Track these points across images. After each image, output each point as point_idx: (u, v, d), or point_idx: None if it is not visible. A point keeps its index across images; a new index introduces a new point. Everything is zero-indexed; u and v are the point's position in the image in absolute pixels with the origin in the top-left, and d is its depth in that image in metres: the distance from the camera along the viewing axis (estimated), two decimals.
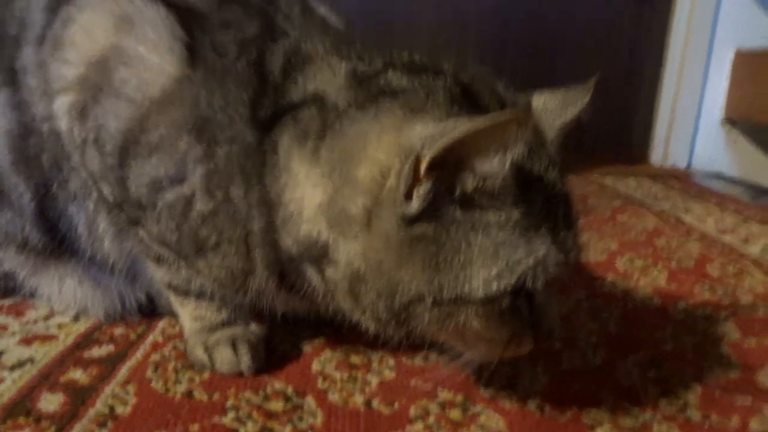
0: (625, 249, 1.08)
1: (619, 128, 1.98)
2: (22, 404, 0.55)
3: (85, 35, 0.58)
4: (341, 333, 0.68)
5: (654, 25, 1.92)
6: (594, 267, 0.98)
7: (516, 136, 0.41)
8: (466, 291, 0.46)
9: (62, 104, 0.59)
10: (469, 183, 0.45)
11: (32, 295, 0.74)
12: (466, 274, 0.45)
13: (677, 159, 2.01)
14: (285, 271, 0.56)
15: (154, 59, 0.55)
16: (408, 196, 0.45)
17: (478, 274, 0.45)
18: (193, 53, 0.55)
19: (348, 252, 0.49)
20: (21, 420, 0.53)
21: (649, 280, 0.93)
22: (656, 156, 2.03)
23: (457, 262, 0.45)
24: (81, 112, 0.58)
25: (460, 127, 0.41)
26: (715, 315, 0.81)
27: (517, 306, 0.48)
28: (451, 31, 1.88)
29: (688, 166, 2.01)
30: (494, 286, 0.45)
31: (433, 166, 0.43)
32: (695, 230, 1.23)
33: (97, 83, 0.57)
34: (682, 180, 1.81)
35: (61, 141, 0.62)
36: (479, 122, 0.41)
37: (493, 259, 0.45)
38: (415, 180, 0.44)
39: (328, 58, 0.55)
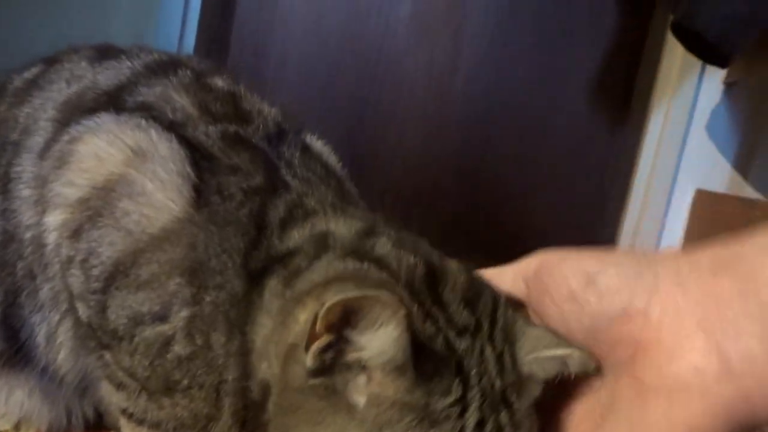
0: None
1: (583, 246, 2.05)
2: None
3: (96, 161, 0.58)
4: None
5: (622, 157, 2.03)
6: None
7: (387, 317, 0.41)
8: None
9: (56, 219, 0.59)
10: (349, 354, 0.44)
11: None
12: None
13: None
14: (248, 419, 0.55)
15: (159, 197, 0.56)
16: (307, 349, 0.45)
17: None
18: (198, 194, 0.56)
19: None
20: None
21: None
22: None
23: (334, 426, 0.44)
24: (74, 232, 0.58)
25: (340, 293, 0.41)
26: None
27: None
28: (434, 134, 1.95)
29: None
30: None
31: (328, 327, 0.43)
32: None
33: (97, 208, 0.57)
34: None
35: (42, 251, 0.62)
36: (351, 293, 0.41)
37: None
38: (313, 337, 0.44)
39: (330, 214, 0.57)
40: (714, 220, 1.90)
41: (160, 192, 0.56)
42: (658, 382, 0.39)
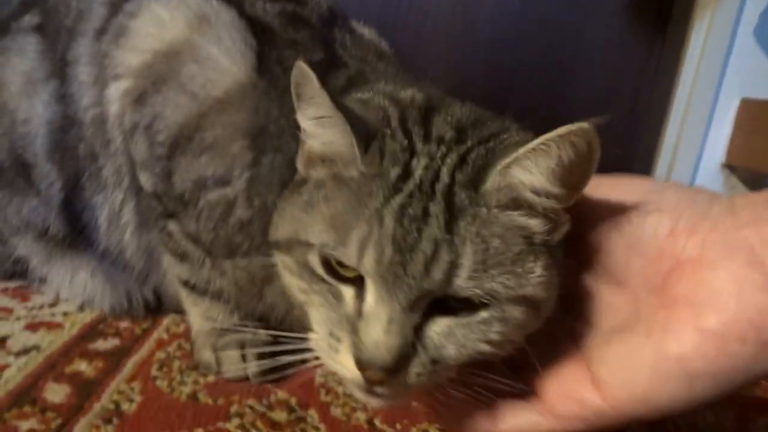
0: None
1: (620, 163, 2.00)
2: (28, 393, 0.56)
3: (158, 26, 0.59)
4: None
5: (662, 67, 1.96)
6: None
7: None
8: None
9: (118, 89, 0.60)
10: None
11: (41, 281, 0.74)
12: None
13: None
14: None
15: (224, 61, 0.57)
16: None
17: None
18: (260, 63, 0.57)
19: None
20: (27, 409, 0.53)
21: None
22: None
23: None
24: (138, 98, 0.59)
25: None
26: None
27: (341, 295, 0.41)
28: (461, 56, 1.90)
29: None
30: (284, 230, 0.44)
31: None
32: None
33: (161, 73, 0.58)
34: None
35: (104, 128, 0.63)
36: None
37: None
38: None
39: (382, 82, 0.56)
40: (760, 130, 1.84)
41: (224, 57, 0.57)
42: (691, 293, 0.38)
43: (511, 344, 0.41)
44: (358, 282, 0.40)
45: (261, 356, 0.62)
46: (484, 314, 0.39)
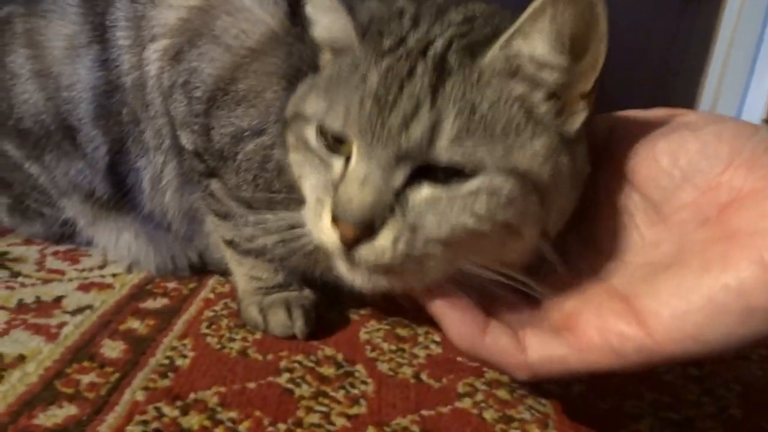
0: None
1: None
2: (86, 349, 0.58)
3: None
4: (385, 305, 0.70)
5: (700, 19, 1.89)
6: None
7: None
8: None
9: (156, 49, 0.62)
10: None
11: (88, 244, 0.76)
12: None
13: None
14: None
15: (257, 11, 0.58)
16: None
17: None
18: (293, 11, 0.58)
19: None
20: (86, 363, 0.55)
21: None
22: None
23: None
24: (175, 56, 0.60)
25: None
26: None
27: (331, 165, 0.42)
28: None
29: None
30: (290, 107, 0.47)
31: None
32: None
33: (197, 28, 0.59)
34: None
35: (144, 91, 0.64)
36: None
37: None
38: None
39: None
40: None
41: (257, 7, 0.58)
42: (753, 225, 0.35)
43: (511, 232, 0.40)
44: (349, 155, 0.41)
45: (307, 313, 0.63)
46: (471, 185, 0.38)
